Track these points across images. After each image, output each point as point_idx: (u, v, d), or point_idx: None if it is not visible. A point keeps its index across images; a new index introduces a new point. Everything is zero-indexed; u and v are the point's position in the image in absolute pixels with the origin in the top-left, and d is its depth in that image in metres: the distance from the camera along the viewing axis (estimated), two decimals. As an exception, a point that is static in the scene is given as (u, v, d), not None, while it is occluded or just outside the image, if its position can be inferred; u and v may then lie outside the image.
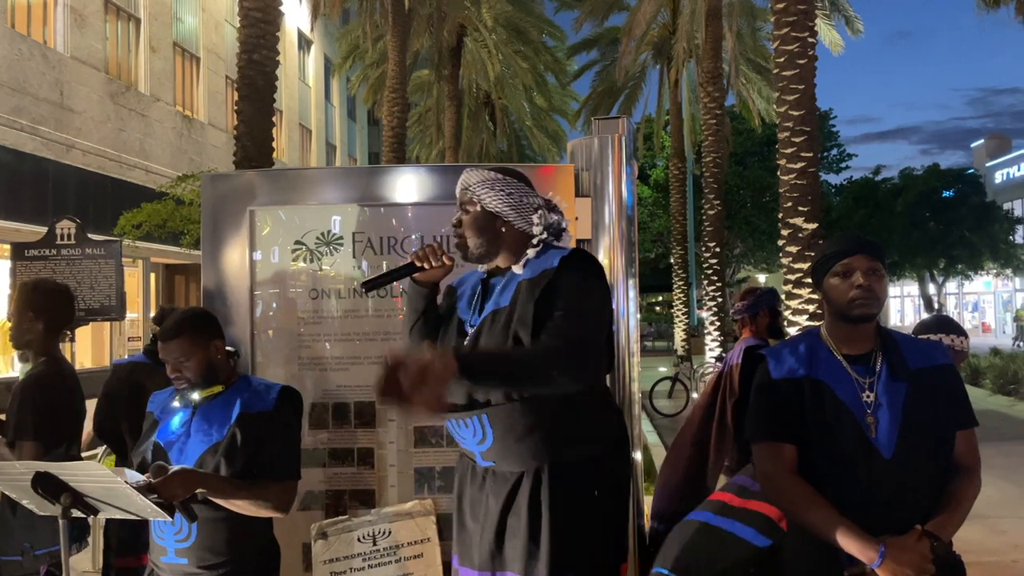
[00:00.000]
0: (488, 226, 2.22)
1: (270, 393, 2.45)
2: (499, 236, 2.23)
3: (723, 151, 19.23)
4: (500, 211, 2.21)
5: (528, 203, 2.24)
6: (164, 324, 2.43)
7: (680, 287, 22.42)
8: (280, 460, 2.41)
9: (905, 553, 1.92)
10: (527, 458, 2.12)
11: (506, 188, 2.23)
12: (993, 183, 37.89)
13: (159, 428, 2.45)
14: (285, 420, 2.45)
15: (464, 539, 2.27)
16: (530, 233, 2.23)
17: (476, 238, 2.23)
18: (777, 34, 10.13)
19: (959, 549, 2.10)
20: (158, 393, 2.56)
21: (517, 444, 2.11)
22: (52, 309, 3.10)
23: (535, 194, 2.29)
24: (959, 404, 2.12)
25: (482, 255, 2.25)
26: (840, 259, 2.10)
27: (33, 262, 6.53)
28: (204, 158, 17.68)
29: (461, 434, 2.20)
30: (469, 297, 2.32)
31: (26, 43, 12.86)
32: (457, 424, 2.19)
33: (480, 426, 2.12)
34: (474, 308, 2.27)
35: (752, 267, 36.48)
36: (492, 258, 2.26)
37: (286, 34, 22.63)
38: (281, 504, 2.39)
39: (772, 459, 2.11)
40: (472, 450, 2.20)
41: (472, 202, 2.23)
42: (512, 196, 2.22)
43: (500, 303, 2.19)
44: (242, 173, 3.34)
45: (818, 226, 9.77)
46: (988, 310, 42.07)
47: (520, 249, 2.24)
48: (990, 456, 7.97)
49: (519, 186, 2.25)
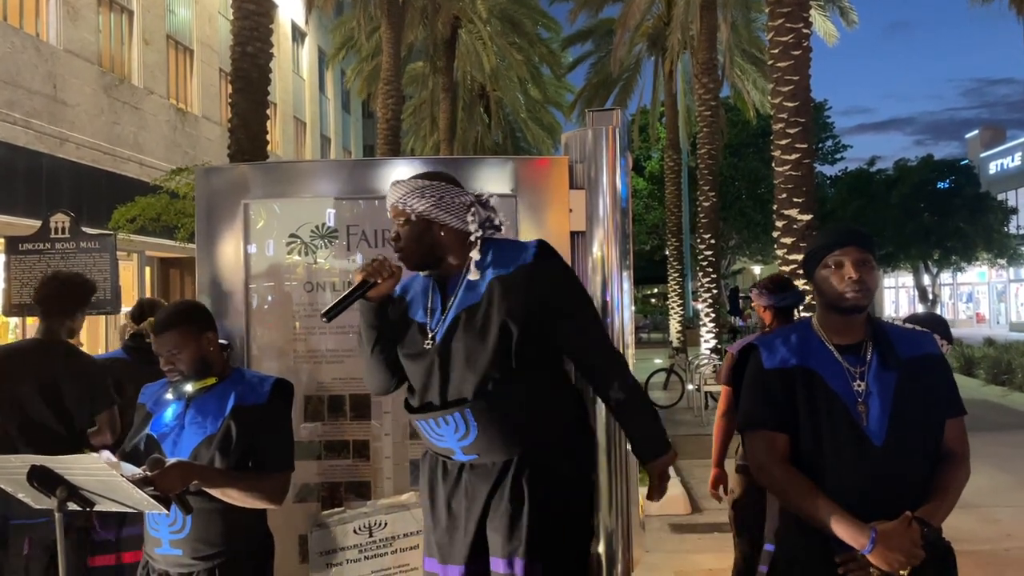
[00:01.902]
0: (425, 233, 2.26)
1: (263, 386, 2.47)
2: (439, 241, 2.27)
3: (718, 143, 19.23)
4: (434, 216, 2.24)
5: (459, 203, 2.27)
6: (157, 317, 2.45)
7: (675, 279, 22.42)
8: (274, 452, 2.43)
9: (895, 539, 1.95)
10: (511, 446, 2.17)
11: (435, 192, 2.26)
12: (987, 174, 37.94)
13: (152, 420, 2.46)
14: (278, 412, 2.47)
15: (444, 537, 2.27)
16: (467, 231, 2.27)
17: (417, 247, 2.27)
18: (772, 25, 10.13)
19: (952, 538, 2.12)
20: (150, 385, 2.58)
21: (501, 434, 2.16)
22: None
23: (464, 192, 2.32)
24: (948, 392, 2.14)
25: (428, 263, 2.29)
26: (831, 251, 2.11)
27: (27, 256, 6.51)
28: (198, 151, 17.62)
29: (438, 432, 2.21)
30: (422, 300, 2.34)
31: (18, 36, 12.79)
32: (435, 423, 2.20)
33: (463, 421, 2.16)
34: (431, 309, 2.30)
35: (747, 259, 36.52)
36: (439, 263, 2.30)
37: (280, 26, 22.54)
38: (275, 495, 2.40)
39: (765, 448, 2.13)
40: (450, 446, 2.22)
41: (405, 213, 2.26)
42: (443, 199, 2.26)
43: (469, 301, 2.23)
44: (236, 166, 3.35)
45: (812, 217, 9.78)
46: (982, 300, 42.18)
47: (463, 248, 2.28)
48: (984, 445, 8.06)
49: (447, 188, 2.29)
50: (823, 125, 36.83)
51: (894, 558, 1.94)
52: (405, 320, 2.34)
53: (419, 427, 2.29)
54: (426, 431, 2.26)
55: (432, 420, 2.21)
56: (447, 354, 2.23)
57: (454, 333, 2.22)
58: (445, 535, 2.27)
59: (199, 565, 2.35)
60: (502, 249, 2.29)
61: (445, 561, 2.27)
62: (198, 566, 2.35)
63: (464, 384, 2.19)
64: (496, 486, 2.19)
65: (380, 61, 18.90)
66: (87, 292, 3.53)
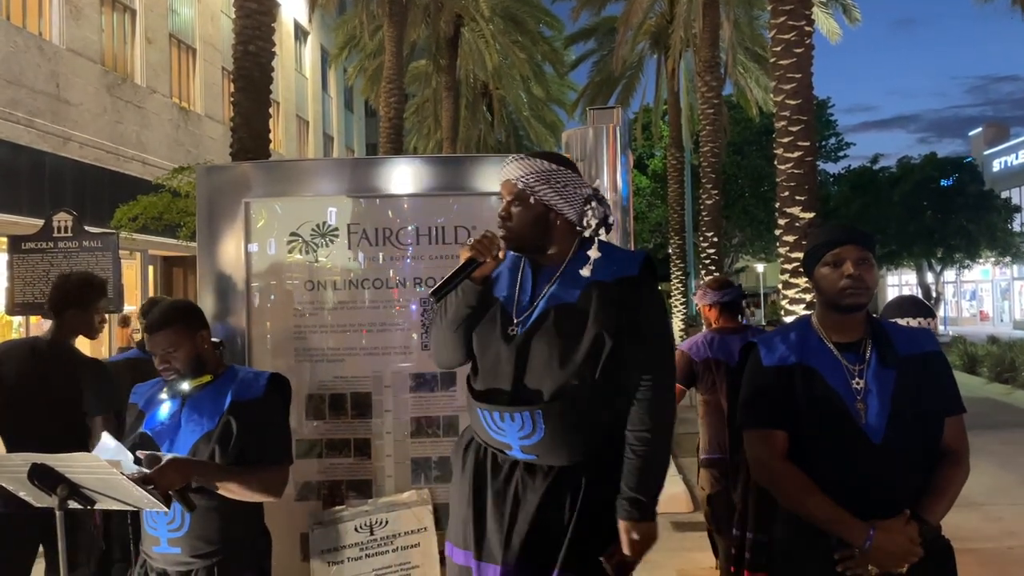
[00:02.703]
0: (542, 218, 2.17)
1: (259, 380, 2.48)
2: (552, 229, 2.18)
3: (721, 140, 19.20)
4: (554, 203, 2.16)
5: (580, 194, 2.19)
6: (150, 316, 2.46)
7: (678, 277, 22.40)
8: (272, 445, 2.44)
9: (893, 536, 1.95)
10: (572, 454, 2.09)
11: (561, 180, 2.17)
12: (991, 171, 37.82)
13: (146, 419, 2.46)
14: (275, 406, 2.49)
15: (483, 532, 2.16)
16: (581, 226, 2.19)
17: (529, 231, 2.17)
18: (774, 23, 10.11)
19: (955, 536, 2.12)
20: (141, 385, 2.59)
21: (567, 440, 2.08)
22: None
23: (585, 184, 2.24)
24: (947, 390, 2.14)
25: (532, 247, 2.20)
26: (830, 249, 2.11)
27: (30, 255, 6.52)
28: (201, 150, 17.64)
29: (499, 425, 2.12)
30: (507, 278, 2.23)
31: (21, 35, 12.81)
32: (499, 416, 2.11)
33: (531, 421, 2.07)
34: (519, 293, 2.19)
35: (750, 257, 36.47)
36: (543, 251, 2.20)
37: (282, 25, 22.53)
38: (274, 488, 2.41)
39: (763, 445, 2.13)
40: (509, 442, 2.12)
41: (524, 194, 2.16)
42: (567, 188, 2.17)
43: (564, 298, 2.13)
44: (237, 165, 3.36)
45: (815, 215, 9.77)
46: (986, 298, 42.08)
47: (568, 239, 2.19)
48: (986, 444, 8.05)
49: (573, 177, 2.20)
50: (826, 123, 36.74)
51: (892, 556, 1.94)
52: (488, 296, 2.21)
53: (478, 415, 2.17)
54: (485, 421, 2.15)
55: (497, 413, 2.11)
56: (528, 348, 2.12)
57: (540, 328, 2.12)
58: (487, 530, 2.15)
59: (198, 563, 2.36)
60: (610, 253, 2.18)
61: (482, 558, 2.15)
62: (196, 564, 2.36)
63: (541, 383, 2.10)
64: (549, 491, 2.10)
65: (383, 60, 18.89)
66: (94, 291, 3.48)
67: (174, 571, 2.38)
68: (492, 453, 2.19)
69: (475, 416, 2.20)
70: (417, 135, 29.99)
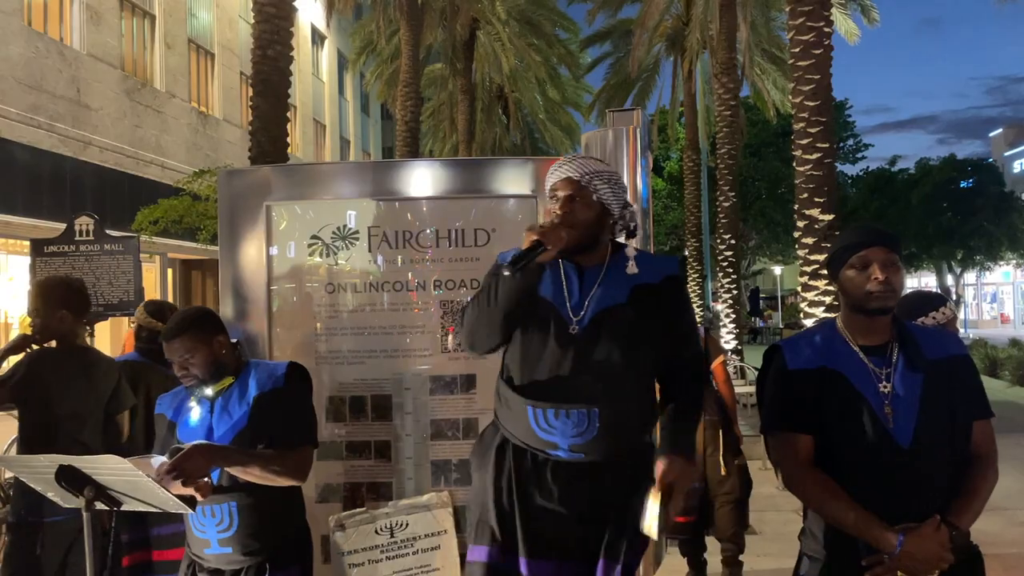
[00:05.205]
0: (601, 218, 2.23)
1: (278, 370, 2.53)
2: (604, 230, 2.25)
3: (738, 142, 19.09)
4: (611, 205, 2.22)
5: (624, 200, 2.27)
6: (167, 324, 2.48)
7: (695, 279, 22.32)
8: (295, 428, 2.47)
9: (923, 542, 1.92)
10: (617, 450, 2.16)
11: (618, 184, 2.25)
12: (1011, 172, 37.49)
13: (178, 429, 2.49)
14: (297, 390, 2.52)
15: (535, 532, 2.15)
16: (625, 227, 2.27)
17: (588, 230, 2.20)
18: (792, 24, 10.04)
19: (979, 540, 2.09)
20: (164, 396, 2.62)
21: (616, 438, 2.14)
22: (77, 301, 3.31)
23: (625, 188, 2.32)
24: (975, 394, 2.11)
25: (585, 246, 2.21)
26: (857, 251, 2.08)
27: (52, 258, 6.59)
28: (219, 154, 17.75)
29: (550, 424, 2.12)
30: (551, 278, 2.22)
31: (42, 40, 12.95)
32: (552, 413, 2.11)
33: (587, 420, 2.10)
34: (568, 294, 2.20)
35: (767, 259, 36.29)
36: (590, 251, 2.24)
37: (300, 29, 22.66)
38: (299, 471, 2.44)
39: (788, 450, 2.12)
40: (557, 441, 2.12)
41: (587, 192, 2.19)
42: (619, 195, 2.24)
43: (613, 299, 2.18)
44: (258, 168, 3.37)
45: (834, 217, 9.69)
46: (1007, 301, 41.65)
47: (606, 242, 2.26)
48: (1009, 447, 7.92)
49: (621, 180, 2.28)
50: (844, 124, 36.50)
51: (922, 562, 1.92)
52: (534, 293, 2.21)
53: (525, 412, 2.15)
54: (534, 419, 2.13)
55: (551, 410, 2.11)
56: (585, 347, 2.14)
57: (598, 328, 2.15)
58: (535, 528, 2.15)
59: (248, 560, 2.41)
60: (644, 256, 2.27)
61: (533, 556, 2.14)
62: (248, 561, 2.41)
63: (599, 381, 2.12)
64: (595, 486, 2.14)
65: (399, 63, 18.94)
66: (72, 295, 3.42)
67: (228, 570, 2.43)
68: (531, 454, 2.18)
69: (518, 415, 2.18)
70: (433, 138, 30.04)
